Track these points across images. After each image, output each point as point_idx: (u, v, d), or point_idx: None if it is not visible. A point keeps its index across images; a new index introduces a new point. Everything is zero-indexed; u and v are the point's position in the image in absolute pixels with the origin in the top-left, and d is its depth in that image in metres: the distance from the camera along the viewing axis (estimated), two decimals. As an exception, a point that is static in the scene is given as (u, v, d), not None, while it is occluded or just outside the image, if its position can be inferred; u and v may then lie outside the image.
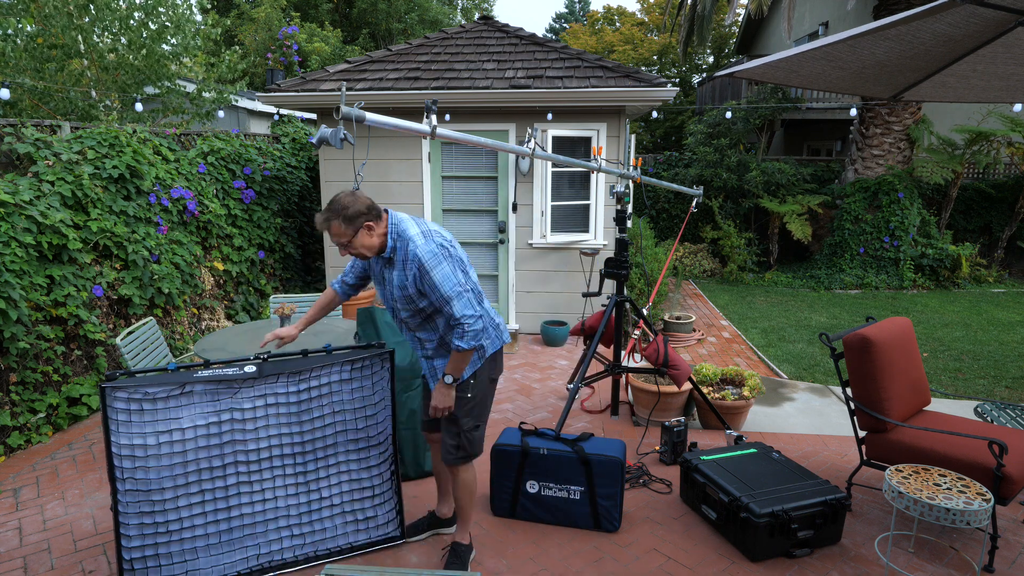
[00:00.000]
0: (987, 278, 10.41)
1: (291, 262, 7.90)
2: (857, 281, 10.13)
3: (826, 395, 5.28)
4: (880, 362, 3.22)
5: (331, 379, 2.92)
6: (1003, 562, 2.97)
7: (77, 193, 4.78)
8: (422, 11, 18.16)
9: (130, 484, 2.61)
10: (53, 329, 4.47)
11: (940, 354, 6.51)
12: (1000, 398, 5.23)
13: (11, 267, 4.13)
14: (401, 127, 3.11)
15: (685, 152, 12.73)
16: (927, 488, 2.67)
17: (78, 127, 5.35)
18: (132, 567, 2.65)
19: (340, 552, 2.99)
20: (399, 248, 2.59)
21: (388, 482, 3.08)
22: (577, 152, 6.69)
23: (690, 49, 13.83)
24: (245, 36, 15.65)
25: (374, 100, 6.43)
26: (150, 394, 2.62)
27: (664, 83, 6.31)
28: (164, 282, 5.44)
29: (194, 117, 8.20)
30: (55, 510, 3.44)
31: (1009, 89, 3.86)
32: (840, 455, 4.09)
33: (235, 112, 10.42)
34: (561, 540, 3.14)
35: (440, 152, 6.77)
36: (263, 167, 7.40)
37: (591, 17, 28.97)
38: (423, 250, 2.51)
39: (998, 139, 10.44)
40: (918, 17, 2.53)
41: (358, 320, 3.70)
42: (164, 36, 7.39)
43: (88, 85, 7.14)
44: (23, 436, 4.17)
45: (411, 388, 3.66)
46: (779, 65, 3.20)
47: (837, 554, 3.01)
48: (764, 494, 3.01)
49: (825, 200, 10.79)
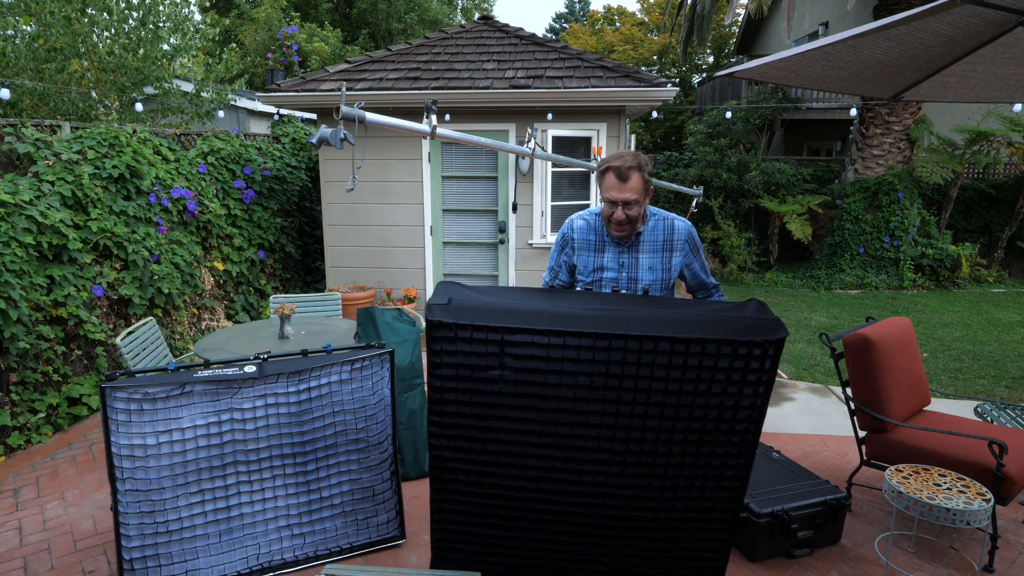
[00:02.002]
0: (987, 278, 10.41)
1: (291, 262, 7.90)
2: (857, 281, 10.13)
3: (826, 395, 5.28)
4: (880, 362, 3.22)
5: (331, 379, 2.92)
6: (1003, 562, 2.97)
7: (77, 193, 4.78)
8: (422, 11, 18.16)
9: (130, 484, 2.61)
10: (53, 329, 4.47)
11: (940, 354, 6.51)
12: (1000, 398, 5.23)
13: (11, 267, 4.12)
14: (401, 127, 3.11)
15: (685, 152, 12.73)
16: (927, 488, 2.67)
17: (78, 127, 5.35)
18: (132, 567, 2.65)
19: (340, 552, 2.99)
20: (661, 227, 2.48)
21: (388, 482, 3.08)
22: (577, 152, 6.69)
23: (690, 49, 13.83)
24: (245, 36, 15.65)
25: (374, 100, 6.43)
26: (150, 394, 2.62)
27: (664, 83, 6.32)
28: (164, 282, 5.44)
29: (193, 117, 8.20)
30: (55, 510, 3.44)
31: (1009, 89, 3.85)
32: (840, 455, 4.09)
33: (235, 112, 10.41)
34: (561, 540, 3.13)
35: (440, 152, 6.77)
36: (263, 167, 7.40)
37: (591, 17, 28.98)
38: (691, 228, 2.53)
39: (998, 139, 10.44)
40: (918, 17, 2.53)
41: (358, 320, 3.70)
42: (161, 35, 7.39)
43: (88, 86, 7.14)
44: (23, 436, 4.17)
45: (411, 388, 3.66)
46: (779, 65, 3.20)
47: (837, 554, 3.00)
48: (764, 494, 3.01)
49: (825, 200, 10.79)
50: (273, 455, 2.86)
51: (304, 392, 2.88)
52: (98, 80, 7.18)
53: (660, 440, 2.02)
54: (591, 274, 2.51)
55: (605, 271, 2.49)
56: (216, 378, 2.71)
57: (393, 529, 3.10)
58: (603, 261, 2.49)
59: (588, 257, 2.51)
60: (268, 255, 7.43)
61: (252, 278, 7.02)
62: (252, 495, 2.85)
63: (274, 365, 2.85)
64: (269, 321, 4.62)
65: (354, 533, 3.03)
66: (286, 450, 2.88)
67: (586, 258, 2.51)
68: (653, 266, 2.47)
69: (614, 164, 2.35)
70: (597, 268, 2.50)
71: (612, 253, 2.48)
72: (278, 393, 2.84)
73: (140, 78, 7.40)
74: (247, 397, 2.78)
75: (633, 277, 2.47)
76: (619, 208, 2.36)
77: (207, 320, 6.25)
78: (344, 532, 3.02)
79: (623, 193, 2.33)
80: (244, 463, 2.81)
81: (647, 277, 2.46)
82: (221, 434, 2.75)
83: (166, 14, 7.51)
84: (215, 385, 2.72)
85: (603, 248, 2.49)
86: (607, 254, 2.49)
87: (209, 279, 6.39)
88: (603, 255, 2.49)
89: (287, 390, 2.85)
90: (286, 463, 2.89)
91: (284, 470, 2.89)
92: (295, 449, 2.90)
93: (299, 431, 2.89)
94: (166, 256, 5.61)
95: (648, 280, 2.46)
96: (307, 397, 2.89)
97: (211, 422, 2.73)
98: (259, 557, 2.86)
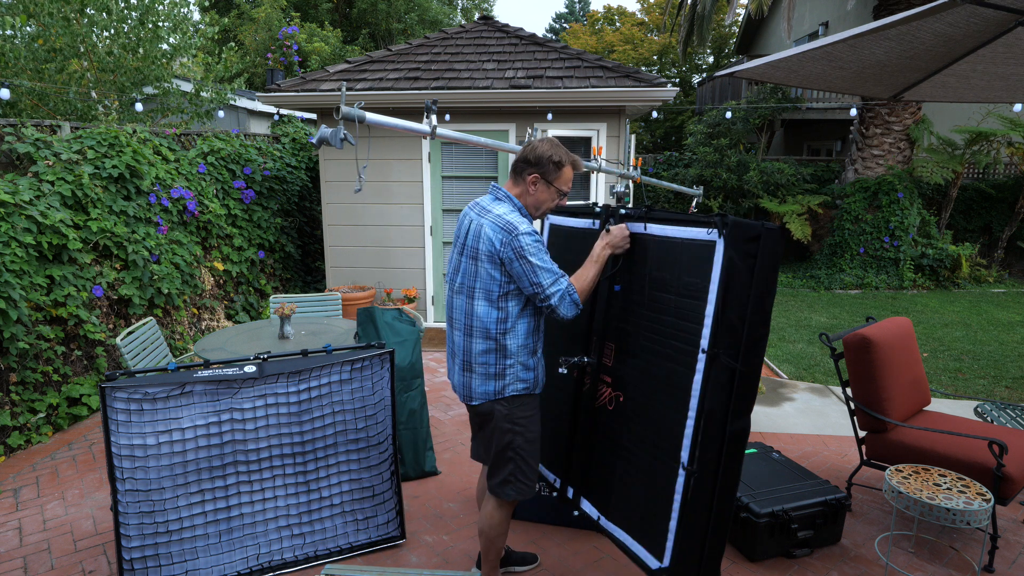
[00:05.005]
0: (987, 278, 10.41)
1: (291, 262, 7.90)
2: (857, 281, 10.13)
3: (826, 395, 5.28)
4: (880, 362, 3.22)
5: (331, 379, 2.92)
6: (1003, 562, 2.97)
7: (77, 193, 4.78)
8: (422, 11, 18.16)
9: (130, 484, 2.61)
10: (53, 329, 4.47)
11: (940, 354, 6.51)
12: (1000, 398, 5.23)
13: (11, 267, 4.12)
14: (401, 127, 3.11)
15: (685, 152, 12.73)
16: (927, 488, 2.67)
17: (78, 127, 5.35)
18: (132, 567, 2.65)
19: (340, 552, 2.99)
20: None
21: (388, 482, 3.08)
22: (577, 152, 6.69)
23: (690, 49, 13.83)
24: (245, 36, 15.65)
25: (374, 100, 6.43)
26: (150, 394, 2.62)
27: (664, 83, 6.31)
28: (164, 282, 5.44)
29: (193, 117, 8.21)
30: (55, 510, 3.44)
31: (1009, 89, 3.86)
32: (840, 455, 4.09)
33: (235, 112, 10.42)
34: (561, 540, 3.13)
35: (440, 152, 6.77)
36: (263, 167, 7.40)
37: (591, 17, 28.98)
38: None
39: (998, 139, 10.44)
40: (918, 17, 2.53)
41: (358, 320, 3.70)
42: (160, 35, 7.39)
43: (87, 86, 7.14)
44: (23, 436, 4.17)
45: (411, 388, 3.66)
46: (779, 65, 3.20)
47: (837, 554, 3.00)
48: (764, 494, 3.01)
49: (825, 200, 10.79)
50: (273, 455, 2.86)
51: (304, 392, 2.88)
52: (98, 80, 7.18)
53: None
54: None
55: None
56: (216, 378, 2.71)
57: (393, 529, 3.10)
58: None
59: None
60: (268, 255, 7.43)
61: (252, 278, 7.02)
62: (252, 495, 2.85)
63: (274, 365, 2.85)
64: (269, 321, 4.62)
65: (354, 533, 3.03)
66: (286, 450, 2.88)
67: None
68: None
69: (574, 157, 2.43)
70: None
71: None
72: (278, 393, 2.84)
73: (140, 78, 7.41)
74: (247, 397, 2.78)
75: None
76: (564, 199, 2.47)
77: (207, 320, 6.25)
78: (344, 532, 3.02)
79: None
80: (244, 463, 2.81)
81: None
82: (221, 434, 2.75)
83: (165, 14, 7.51)
84: (215, 385, 2.72)
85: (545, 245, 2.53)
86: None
87: (209, 279, 6.39)
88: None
89: (287, 390, 2.85)
90: (286, 463, 2.90)
91: (284, 470, 2.89)
92: (295, 449, 2.90)
93: (299, 431, 2.89)
94: (166, 256, 5.60)
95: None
96: (307, 397, 2.89)
97: (211, 422, 2.73)
98: (259, 557, 2.86)
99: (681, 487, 2.09)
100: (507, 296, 2.31)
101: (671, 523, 2.12)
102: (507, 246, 2.25)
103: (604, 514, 2.47)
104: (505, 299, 2.31)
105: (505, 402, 2.36)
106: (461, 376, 2.42)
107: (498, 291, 2.30)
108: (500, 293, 2.30)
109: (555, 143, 2.39)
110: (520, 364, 2.35)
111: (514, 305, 2.32)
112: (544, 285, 2.24)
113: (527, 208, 2.41)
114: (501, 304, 2.31)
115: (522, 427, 2.38)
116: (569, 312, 2.26)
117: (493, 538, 2.51)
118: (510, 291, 2.30)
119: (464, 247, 2.40)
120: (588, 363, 2.52)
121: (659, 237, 2.26)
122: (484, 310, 2.32)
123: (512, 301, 2.31)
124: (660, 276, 2.23)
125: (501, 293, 2.30)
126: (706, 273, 2.03)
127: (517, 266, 2.25)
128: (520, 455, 2.39)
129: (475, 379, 2.37)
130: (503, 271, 2.28)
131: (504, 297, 2.30)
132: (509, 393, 2.35)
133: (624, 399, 2.38)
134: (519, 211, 2.38)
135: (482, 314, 2.32)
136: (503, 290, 2.30)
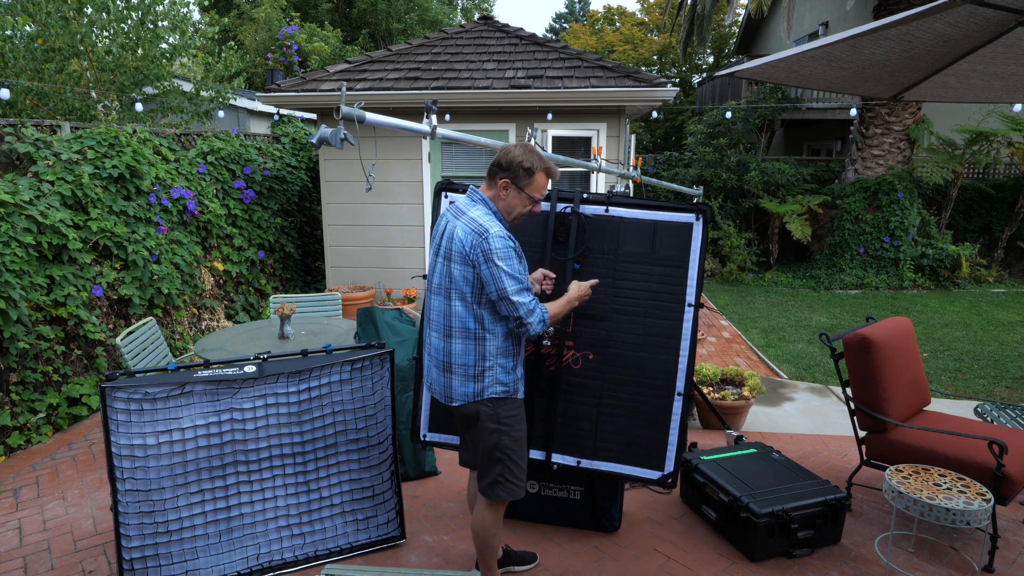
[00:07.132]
0: (987, 278, 10.41)
1: (291, 262, 7.90)
2: (857, 281, 10.13)
3: (826, 395, 5.28)
4: (880, 362, 3.22)
5: (331, 379, 2.92)
6: (1003, 562, 2.97)
7: (77, 193, 4.78)
8: (422, 11, 18.16)
9: (130, 484, 2.61)
10: (53, 329, 4.47)
11: (940, 354, 6.51)
12: (1000, 398, 5.23)
13: (11, 267, 4.12)
14: (401, 127, 3.11)
15: (685, 152, 12.73)
16: (927, 488, 2.67)
17: (78, 127, 5.35)
18: (132, 567, 2.65)
19: (340, 552, 2.99)
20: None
21: (388, 482, 3.08)
22: (577, 152, 6.69)
23: (690, 49, 13.82)
24: (245, 36, 15.65)
25: (374, 100, 6.43)
26: (150, 394, 2.62)
27: (664, 83, 6.31)
28: (164, 282, 5.44)
29: (193, 116, 8.21)
30: (55, 510, 3.44)
31: (1009, 89, 3.86)
32: (840, 455, 4.09)
33: (235, 112, 10.42)
34: (561, 540, 3.13)
35: (440, 152, 6.77)
36: (263, 167, 7.40)
37: (591, 17, 28.97)
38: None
39: (998, 139, 10.44)
40: (918, 17, 2.53)
41: (358, 320, 3.70)
42: (160, 34, 7.39)
43: (87, 86, 7.14)
44: (23, 436, 4.17)
45: (411, 388, 3.66)
46: (779, 65, 3.20)
47: (837, 554, 3.00)
48: (764, 494, 3.01)
49: (825, 200, 10.79)
50: (273, 455, 2.86)
51: (304, 392, 2.88)
52: (97, 80, 7.18)
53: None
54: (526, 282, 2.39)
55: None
56: (216, 378, 2.71)
57: (393, 529, 3.10)
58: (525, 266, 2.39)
59: (524, 265, 2.37)
60: (268, 255, 7.43)
61: (252, 278, 7.02)
62: (252, 495, 2.85)
63: (274, 365, 2.85)
64: (269, 321, 4.62)
65: (354, 533, 3.03)
66: (286, 450, 2.88)
67: (524, 267, 2.37)
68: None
69: (548, 164, 2.39)
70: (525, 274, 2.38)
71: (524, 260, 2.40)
72: (278, 393, 2.84)
73: (139, 78, 7.41)
74: (247, 397, 2.78)
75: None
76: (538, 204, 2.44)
77: (207, 320, 6.25)
78: (344, 532, 3.02)
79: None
80: (244, 463, 2.81)
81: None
82: (221, 434, 2.75)
83: (164, 13, 7.51)
84: (215, 385, 2.72)
85: (521, 255, 2.38)
86: (524, 260, 2.39)
87: (209, 279, 6.39)
88: (524, 261, 2.39)
89: (287, 390, 2.85)
90: (286, 463, 2.90)
91: (284, 470, 2.89)
92: (295, 449, 2.90)
93: (299, 431, 2.89)
94: (166, 256, 5.60)
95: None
96: (307, 397, 2.89)
97: (211, 422, 2.73)
98: (259, 557, 2.86)
99: (679, 409, 2.77)
100: (481, 297, 2.30)
101: (670, 437, 2.78)
102: (476, 248, 2.24)
103: (584, 457, 2.87)
104: (479, 301, 2.30)
105: (489, 403, 2.36)
106: (440, 376, 2.41)
107: (471, 292, 2.30)
108: (474, 294, 2.30)
109: (531, 149, 2.36)
110: (499, 366, 2.34)
111: (488, 305, 2.31)
112: (508, 291, 2.22)
113: (500, 212, 2.38)
114: (475, 306, 2.30)
115: (508, 426, 2.39)
116: (535, 327, 2.26)
117: (486, 539, 2.51)
118: (484, 292, 2.30)
119: (439, 248, 2.40)
120: (556, 331, 2.82)
121: (628, 219, 2.74)
122: (463, 309, 2.32)
123: (486, 302, 2.31)
124: (631, 251, 2.76)
125: (475, 294, 2.30)
126: (686, 247, 2.71)
127: (484, 270, 2.24)
128: (507, 455, 2.39)
129: (455, 379, 2.37)
130: (475, 273, 2.27)
131: (478, 298, 2.30)
132: (488, 395, 2.35)
133: (594, 357, 2.82)
134: (494, 214, 2.35)
135: (462, 313, 2.31)
136: (476, 292, 2.30)
